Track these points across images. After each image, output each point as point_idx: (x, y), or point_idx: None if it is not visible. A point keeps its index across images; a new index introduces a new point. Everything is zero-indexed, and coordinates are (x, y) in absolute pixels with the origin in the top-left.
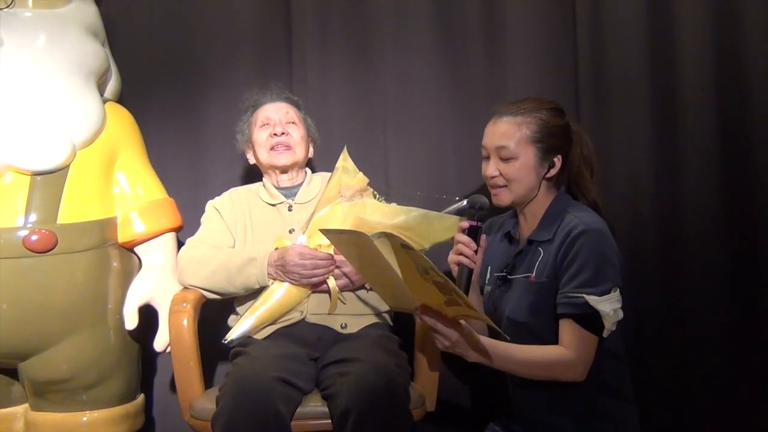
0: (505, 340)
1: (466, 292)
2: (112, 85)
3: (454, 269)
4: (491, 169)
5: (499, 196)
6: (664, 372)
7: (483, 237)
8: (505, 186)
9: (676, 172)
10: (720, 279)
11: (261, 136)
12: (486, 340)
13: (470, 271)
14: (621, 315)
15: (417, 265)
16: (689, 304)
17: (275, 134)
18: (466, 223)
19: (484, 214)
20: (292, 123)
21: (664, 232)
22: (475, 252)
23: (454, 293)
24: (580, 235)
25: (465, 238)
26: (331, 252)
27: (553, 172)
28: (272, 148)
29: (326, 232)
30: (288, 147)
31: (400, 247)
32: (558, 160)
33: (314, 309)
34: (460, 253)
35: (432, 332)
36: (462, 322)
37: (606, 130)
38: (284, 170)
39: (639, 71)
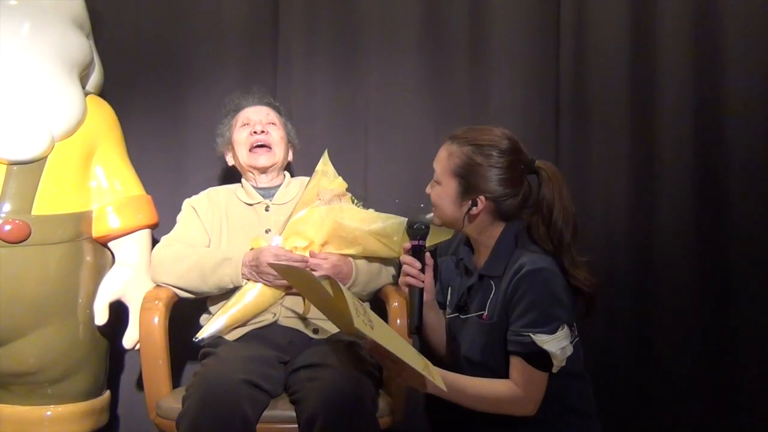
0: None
1: (420, 313)
2: (95, 79)
3: (405, 291)
4: (428, 186)
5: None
6: (630, 396)
7: (427, 255)
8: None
9: (652, 193)
10: (692, 307)
11: (241, 135)
12: (439, 372)
13: (421, 291)
14: (570, 351)
15: (356, 312)
16: (660, 333)
17: (255, 132)
18: (408, 244)
19: (425, 233)
20: (272, 124)
21: (638, 257)
22: (422, 271)
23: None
24: (527, 275)
25: (408, 258)
26: (306, 254)
27: (474, 210)
28: (252, 150)
29: (274, 267)
30: (268, 148)
31: (340, 291)
32: (481, 202)
33: (287, 312)
34: (407, 274)
35: (384, 366)
36: None
37: (585, 147)
38: (263, 170)
39: (620, 90)
